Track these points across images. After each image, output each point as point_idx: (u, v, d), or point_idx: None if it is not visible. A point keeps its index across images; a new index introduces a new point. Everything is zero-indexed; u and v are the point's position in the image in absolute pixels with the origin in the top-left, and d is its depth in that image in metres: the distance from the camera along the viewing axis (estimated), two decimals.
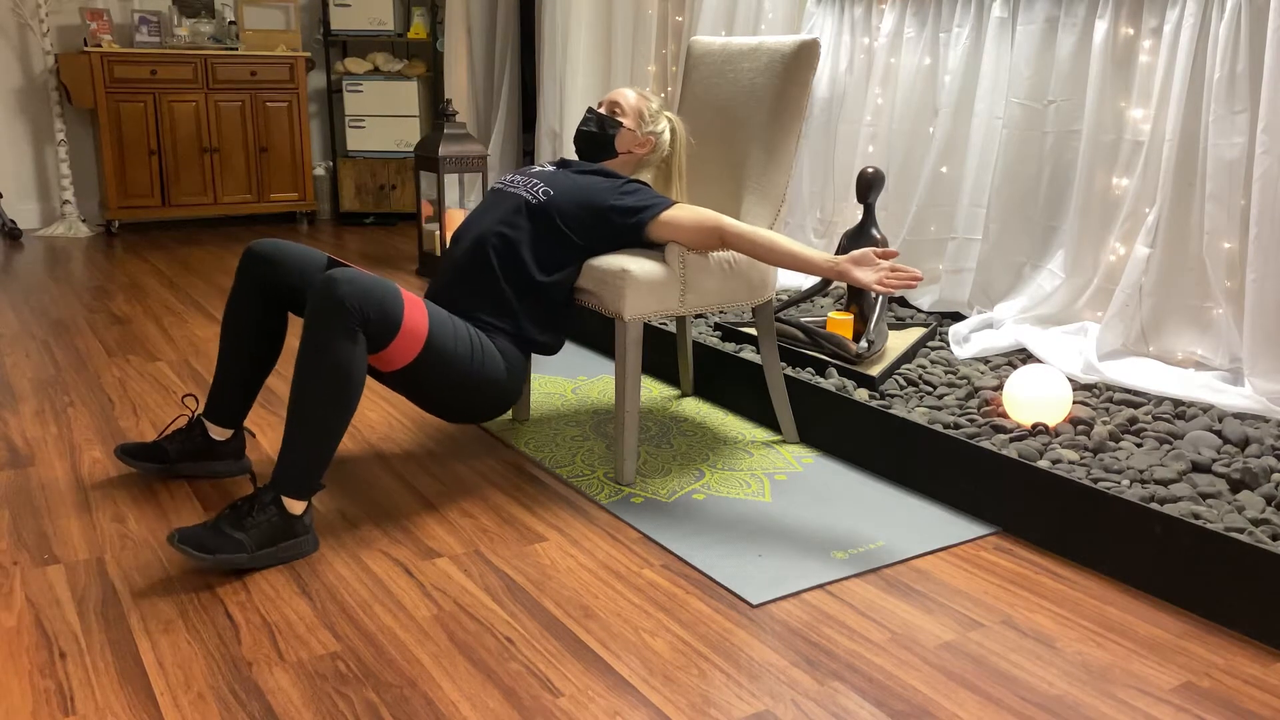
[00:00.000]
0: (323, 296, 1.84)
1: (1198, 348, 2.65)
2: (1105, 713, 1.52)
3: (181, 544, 1.80)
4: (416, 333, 1.96)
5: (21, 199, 5.29)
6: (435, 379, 2.05)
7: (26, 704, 1.48)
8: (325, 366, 1.84)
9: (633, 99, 2.44)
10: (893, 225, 3.38)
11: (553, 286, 2.23)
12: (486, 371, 2.10)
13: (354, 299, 1.84)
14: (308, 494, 1.91)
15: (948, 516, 2.16)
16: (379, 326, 1.89)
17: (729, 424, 2.69)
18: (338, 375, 1.84)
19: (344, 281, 1.85)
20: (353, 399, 1.88)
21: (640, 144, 2.43)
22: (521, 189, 2.27)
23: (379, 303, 1.88)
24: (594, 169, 2.36)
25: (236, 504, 1.88)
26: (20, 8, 5.04)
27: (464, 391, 2.10)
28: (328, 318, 1.83)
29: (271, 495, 1.88)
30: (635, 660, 1.63)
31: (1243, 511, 1.88)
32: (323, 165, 5.99)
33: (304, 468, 1.88)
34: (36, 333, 3.40)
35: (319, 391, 1.85)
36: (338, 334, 1.83)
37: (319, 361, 1.84)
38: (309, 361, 1.84)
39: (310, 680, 1.55)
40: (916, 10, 3.31)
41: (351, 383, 1.86)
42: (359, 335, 1.86)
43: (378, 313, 1.87)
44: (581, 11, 4.80)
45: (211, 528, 1.84)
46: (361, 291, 1.85)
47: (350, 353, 1.85)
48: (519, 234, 2.20)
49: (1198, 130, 2.57)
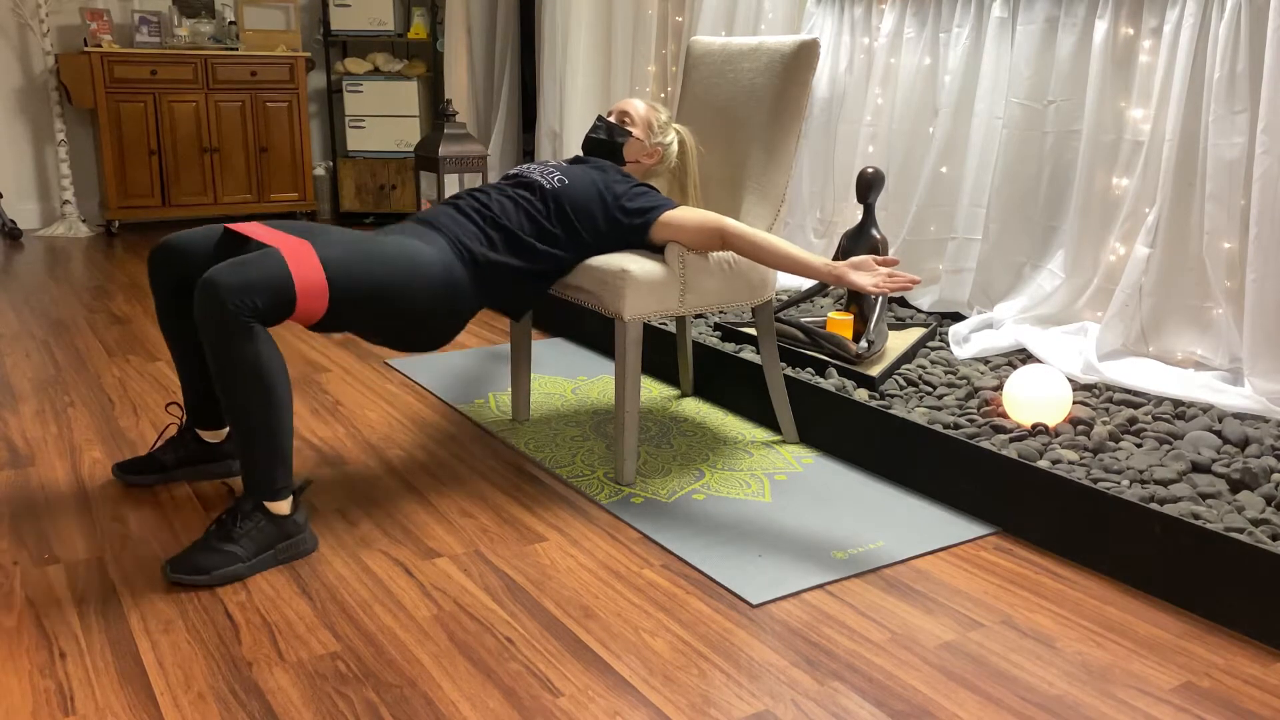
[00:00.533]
0: (203, 308, 1.77)
1: (1198, 348, 2.65)
2: (1105, 713, 1.52)
3: (175, 574, 1.80)
4: (316, 288, 1.86)
5: (21, 199, 5.29)
6: (358, 317, 1.97)
7: (26, 704, 1.48)
8: (237, 371, 1.79)
9: (642, 109, 2.45)
10: (893, 225, 3.38)
11: (542, 255, 2.20)
12: (415, 287, 2.00)
13: (234, 296, 1.76)
14: (283, 493, 1.89)
15: (948, 516, 2.16)
16: (272, 305, 1.81)
17: (729, 424, 2.69)
18: (252, 375, 1.80)
19: (218, 284, 1.76)
20: (278, 390, 1.83)
21: (648, 154, 2.45)
22: (537, 175, 2.28)
23: (261, 286, 1.79)
24: (612, 166, 2.37)
25: (221, 518, 1.87)
26: (20, 8, 5.04)
27: (398, 314, 2.01)
28: (216, 325, 1.77)
29: (251, 503, 1.87)
30: (635, 660, 1.63)
31: (1243, 511, 1.88)
32: (323, 165, 5.99)
33: (265, 469, 1.86)
34: (36, 333, 3.40)
35: (243, 395, 1.81)
36: (233, 337, 1.77)
37: (229, 368, 1.79)
38: (219, 371, 1.80)
39: (310, 680, 1.55)
40: (916, 10, 3.31)
41: (268, 375, 1.81)
42: (254, 327, 1.79)
43: (265, 294, 1.79)
44: (581, 11, 4.80)
45: (201, 547, 1.84)
46: (238, 284, 1.77)
47: (254, 349, 1.79)
48: (529, 207, 2.21)
49: (1198, 130, 2.57)
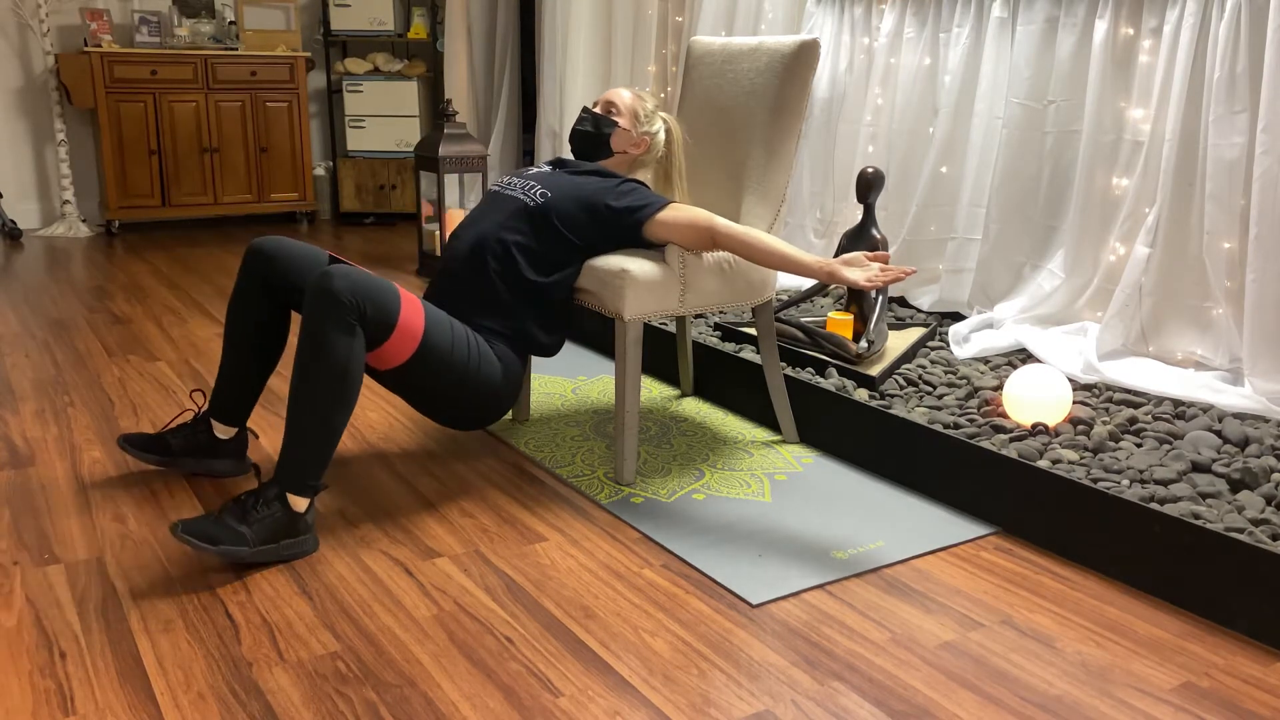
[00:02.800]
0: (319, 291, 1.84)
1: (1198, 348, 2.65)
2: (1105, 713, 1.52)
3: (184, 534, 1.80)
4: (412, 331, 1.96)
5: (21, 199, 5.29)
6: (430, 379, 2.05)
7: (26, 704, 1.48)
8: (323, 361, 1.84)
9: (628, 99, 2.44)
10: (893, 225, 3.38)
11: (552, 287, 2.23)
12: (482, 375, 2.10)
13: (350, 293, 1.85)
14: (311, 490, 1.91)
15: (948, 516, 2.16)
16: (375, 322, 1.89)
17: (729, 424, 2.69)
18: (336, 369, 1.85)
19: (340, 276, 1.85)
20: (352, 393, 1.88)
21: (635, 144, 2.44)
22: (519, 191, 2.26)
23: (375, 298, 1.88)
24: (591, 169, 2.36)
25: (240, 498, 1.88)
26: (20, 8, 5.04)
27: (459, 393, 2.10)
28: (324, 312, 1.84)
29: (276, 490, 1.88)
30: (635, 660, 1.63)
31: (1243, 511, 1.88)
32: (323, 165, 5.99)
33: (306, 463, 1.88)
34: (36, 333, 3.40)
35: (318, 386, 1.85)
36: (335, 328, 1.84)
37: (317, 356, 1.84)
38: (307, 356, 1.85)
39: (310, 680, 1.55)
40: (916, 10, 3.31)
41: (350, 377, 1.87)
42: (356, 330, 1.87)
43: (374, 308, 1.88)
44: (581, 12, 4.80)
45: (215, 519, 1.84)
46: (358, 286, 1.86)
47: (348, 347, 1.86)
48: (517, 237, 2.20)
49: (1198, 130, 2.57)
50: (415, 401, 2.15)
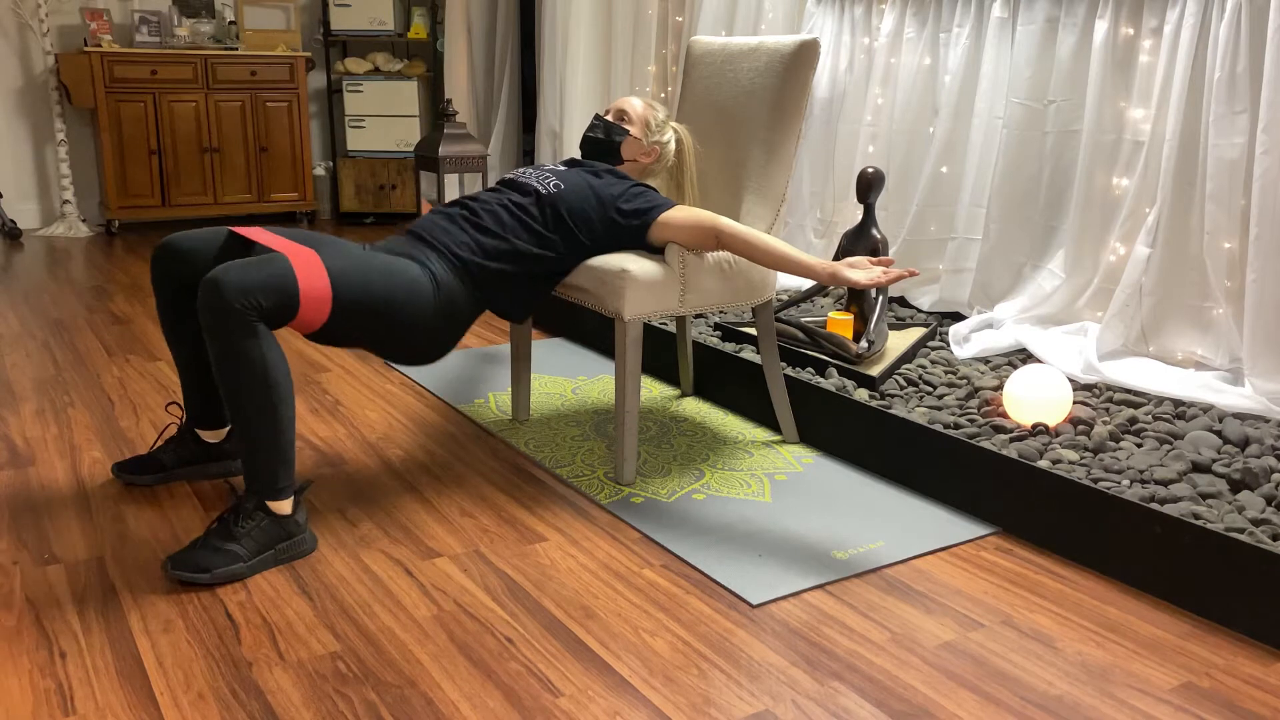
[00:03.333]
0: (207, 305, 1.77)
1: (1198, 348, 2.65)
2: (1105, 713, 1.52)
3: (176, 570, 1.80)
4: (319, 295, 1.87)
5: (21, 199, 5.29)
6: (357, 329, 1.98)
7: (26, 704, 1.48)
8: (240, 371, 1.79)
9: (639, 107, 2.44)
10: (893, 225, 3.39)
11: (543, 259, 2.20)
12: (411, 310, 2.01)
13: (238, 295, 1.76)
14: (285, 493, 1.89)
15: (948, 516, 2.16)
16: (275, 307, 1.81)
17: (729, 424, 2.69)
18: (256, 374, 1.80)
19: (224, 282, 1.77)
20: (282, 388, 1.84)
21: (645, 153, 2.45)
22: (533, 180, 2.27)
23: (266, 285, 1.80)
24: (606, 169, 2.36)
25: (223, 517, 1.87)
26: (20, 8, 5.04)
27: (390, 334, 2.02)
28: (220, 324, 1.77)
29: (254, 502, 1.87)
30: (635, 660, 1.63)
31: (1243, 511, 1.88)
32: (323, 165, 5.99)
33: (268, 468, 1.86)
34: (36, 333, 3.40)
35: (246, 395, 1.81)
36: (236, 336, 1.78)
37: (233, 368, 1.79)
38: (222, 369, 1.80)
39: (310, 680, 1.55)
40: (916, 10, 3.31)
41: (272, 374, 1.82)
42: (258, 327, 1.80)
43: (269, 295, 1.80)
44: (581, 12, 4.80)
45: (202, 545, 1.83)
46: (244, 284, 1.78)
47: (257, 348, 1.80)
48: (525, 215, 2.20)
49: (1198, 130, 2.57)
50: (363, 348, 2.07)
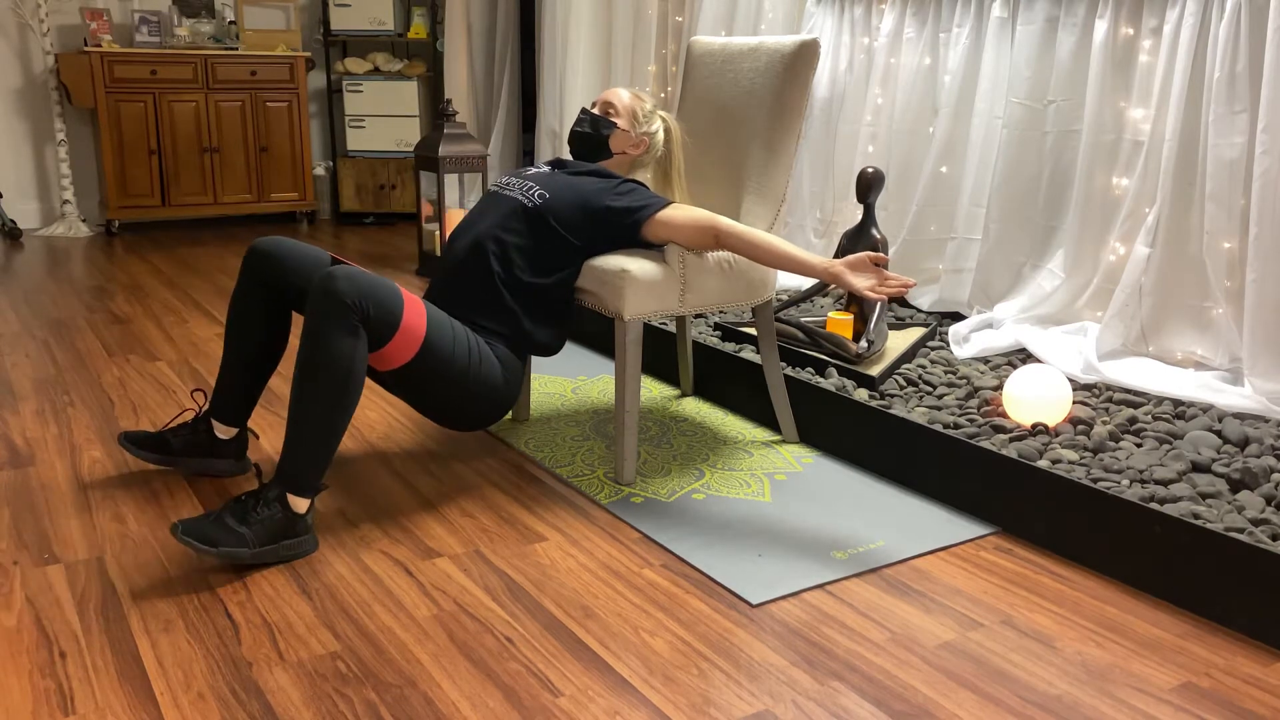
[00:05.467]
0: (322, 291, 1.85)
1: (1198, 348, 2.65)
2: (1105, 713, 1.52)
3: (184, 535, 1.80)
4: (414, 332, 1.96)
5: (21, 199, 5.29)
6: (431, 380, 2.05)
7: (26, 704, 1.48)
8: (325, 361, 1.84)
9: (626, 99, 2.44)
10: (893, 225, 3.39)
11: (551, 288, 2.23)
12: (483, 376, 2.10)
13: (354, 295, 1.85)
14: (311, 491, 1.91)
15: (948, 516, 2.16)
16: (378, 323, 1.89)
17: (729, 424, 2.69)
18: (338, 370, 1.85)
19: (343, 277, 1.86)
20: (353, 394, 1.88)
21: (634, 144, 2.43)
22: (517, 192, 2.26)
23: (378, 299, 1.89)
24: (589, 169, 2.35)
25: (241, 498, 1.88)
26: (20, 8, 5.04)
27: (459, 395, 2.10)
28: (327, 312, 1.84)
29: (276, 491, 1.88)
30: (635, 660, 1.63)
31: (1243, 511, 1.88)
32: (323, 165, 5.99)
33: (307, 463, 1.88)
34: (36, 333, 3.40)
35: (320, 386, 1.85)
36: (337, 329, 1.84)
37: (319, 356, 1.84)
38: (309, 356, 1.85)
39: (310, 680, 1.55)
40: (916, 10, 3.31)
41: (352, 378, 1.87)
42: (359, 330, 1.87)
43: (377, 309, 1.88)
44: (581, 11, 4.80)
45: (215, 520, 1.84)
46: (361, 287, 1.86)
47: (351, 348, 1.86)
48: (516, 238, 2.20)
49: (1198, 130, 2.57)
50: (415, 402, 2.15)
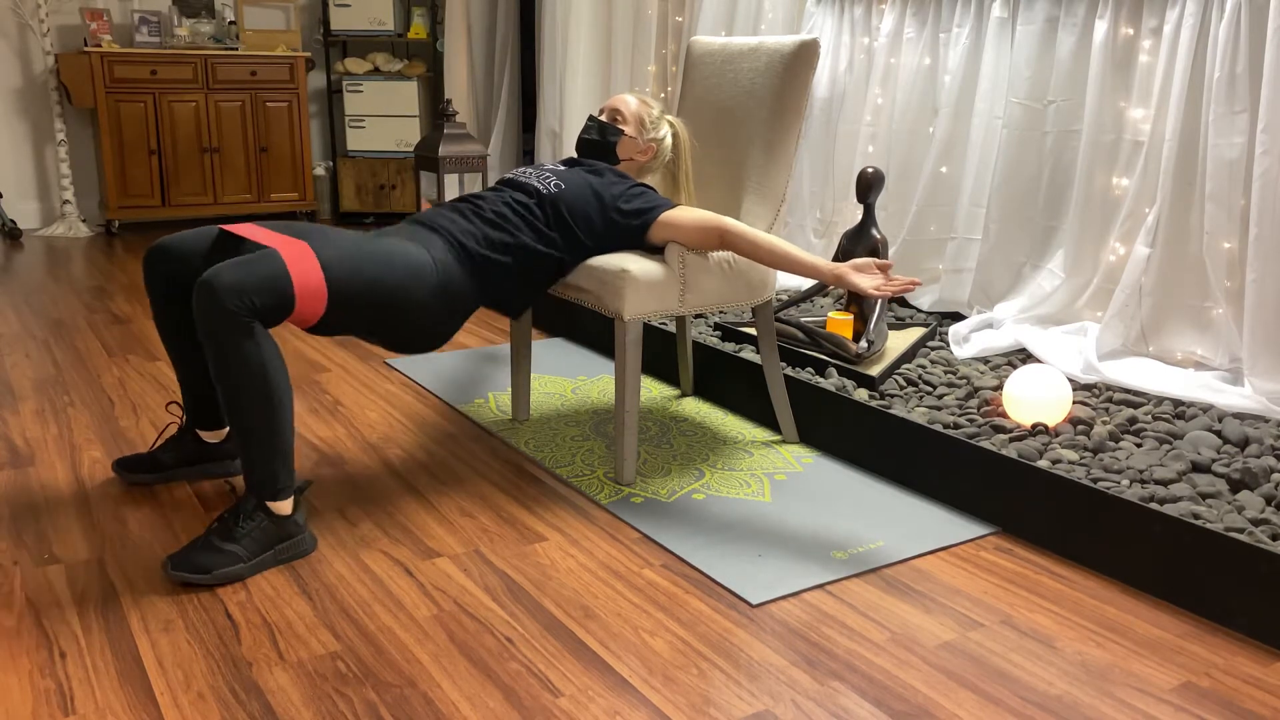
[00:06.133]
0: (201, 308, 1.76)
1: (1198, 348, 2.65)
2: (1105, 713, 1.52)
3: (175, 570, 1.80)
4: (314, 289, 1.85)
5: (21, 199, 5.29)
6: (355, 318, 1.96)
7: (26, 704, 1.48)
8: (237, 375, 1.78)
9: (634, 105, 2.44)
10: (893, 225, 3.39)
11: (544, 256, 2.20)
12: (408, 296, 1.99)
13: (231, 296, 1.75)
14: (285, 493, 1.89)
15: (948, 516, 2.16)
16: (271, 305, 1.80)
17: (729, 424, 2.69)
18: (253, 378, 1.79)
19: (217, 284, 1.76)
20: (280, 388, 1.83)
21: (642, 151, 2.44)
22: (534, 179, 2.27)
23: (257, 283, 1.78)
24: (606, 167, 2.36)
25: (223, 516, 1.87)
26: (20, 8, 5.04)
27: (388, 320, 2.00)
28: (214, 329, 1.76)
29: (253, 502, 1.87)
30: (635, 660, 1.63)
31: (1243, 511, 1.88)
32: (323, 165, 5.99)
33: (268, 469, 1.85)
34: (36, 333, 3.40)
35: (244, 396, 1.80)
36: (231, 338, 1.77)
37: (231, 374, 1.78)
38: (219, 370, 1.79)
39: (310, 680, 1.55)
40: (916, 10, 3.31)
41: (269, 375, 1.81)
42: (254, 328, 1.78)
43: (264, 294, 1.78)
44: (581, 12, 4.80)
45: (203, 545, 1.83)
46: (237, 284, 1.76)
47: (254, 349, 1.79)
48: (530, 214, 2.20)
49: (1198, 130, 2.57)
50: (362, 337, 2.06)
